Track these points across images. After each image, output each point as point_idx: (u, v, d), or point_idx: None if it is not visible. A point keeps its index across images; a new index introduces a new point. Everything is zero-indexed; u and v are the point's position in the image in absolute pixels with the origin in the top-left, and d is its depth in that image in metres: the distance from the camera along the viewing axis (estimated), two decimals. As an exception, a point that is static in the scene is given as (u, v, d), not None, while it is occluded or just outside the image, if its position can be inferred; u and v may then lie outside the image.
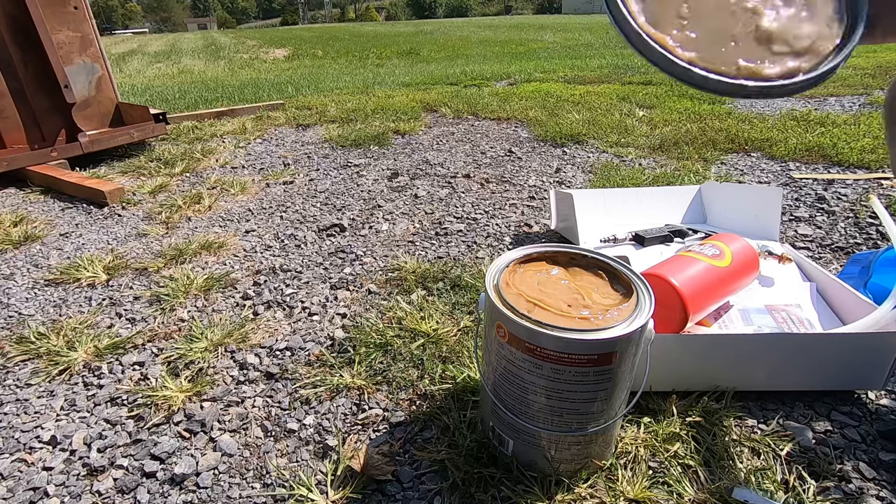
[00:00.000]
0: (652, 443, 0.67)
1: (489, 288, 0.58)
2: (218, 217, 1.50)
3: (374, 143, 2.19)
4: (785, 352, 0.71)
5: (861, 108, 2.47)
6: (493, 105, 2.83)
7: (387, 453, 0.68)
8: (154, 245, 1.33)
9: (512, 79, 3.92)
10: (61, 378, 0.85)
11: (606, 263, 0.62)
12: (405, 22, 35.66)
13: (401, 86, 3.78)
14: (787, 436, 0.68)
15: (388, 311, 0.99)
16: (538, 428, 0.58)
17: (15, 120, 1.88)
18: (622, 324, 0.52)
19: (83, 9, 2.06)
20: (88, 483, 0.66)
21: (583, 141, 2.13)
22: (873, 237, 1.22)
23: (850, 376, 0.73)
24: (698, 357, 0.72)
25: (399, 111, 2.75)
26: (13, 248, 1.34)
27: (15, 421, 0.76)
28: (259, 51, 10.76)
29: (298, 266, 1.20)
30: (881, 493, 0.60)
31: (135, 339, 0.94)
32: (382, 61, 7.36)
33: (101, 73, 2.16)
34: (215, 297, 1.08)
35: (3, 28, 1.78)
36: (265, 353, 0.89)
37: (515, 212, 1.46)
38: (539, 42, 9.37)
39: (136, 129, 2.13)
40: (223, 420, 0.75)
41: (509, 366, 0.57)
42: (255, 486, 0.65)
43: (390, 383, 0.81)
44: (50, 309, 1.06)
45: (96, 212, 1.58)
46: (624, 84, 3.44)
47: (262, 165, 1.98)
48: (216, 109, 2.88)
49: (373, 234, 1.36)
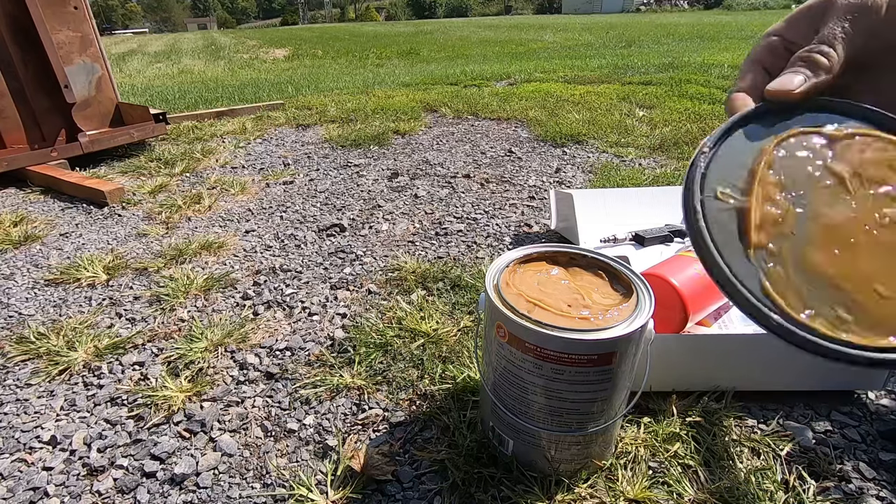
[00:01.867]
0: (652, 443, 0.67)
1: (489, 288, 0.58)
2: (218, 217, 1.50)
3: (374, 143, 2.19)
4: (785, 352, 0.71)
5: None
6: (493, 105, 2.83)
7: (387, 453, 0.68)
8: (154, 245, 1.33)
9: (512, 79, 3.92)
10: (61, 378, 0.85)
11: (606, 263, 0.62)
12: (405, 22, 35.66)
13: (401, 86, 3.78)
14: (787, 436, 0.68)
15: (388, 311, 0.99)
16: (538, 428, 0.58)
17: (15, 120, 1.88)
18: (622, 324, 0.52)
19: (83, 9, 2.06)
20: (88, 483, 0.66)
21: (583, 141, 2.13)
22: (873, 237, 1.22)
23: (850, 376, 0.73)
24: (698, 357, 0.72)
25: (399, 111, 2.75)
26: (13, 248, 1.34)
27: (15, 421, 0.76)
28: (259, 51, 10.76)
29: (298, 266, 1.20)
30: (881, 493, 0.60)
31: (135, 339, 0.94)
32: (382, 61, 7.36)
33: (101, 73, 2.16)
34: (215, 297, 1.08)
35: (3, 28, 1.78)
36: (265, 353, 0.89)
37: (515, 212, 1.47)
38: (539, 42, 9.37)
39: (136, 129, 2.13)
40: (223, 420, 0.75)
41: (509, 366, 0.57)
42: (255, 486, 0.65)
43: (390, 383, 0.81)
44: (50, 309, 1.06)
45: (96, 212, 1.58)
46: (624, 84, 3.44)
47: (262, 165, 1.98)
48: (216, 109, 2.88)
49: (373, 234, 1.36)
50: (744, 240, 0.40)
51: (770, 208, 0.40)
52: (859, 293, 0.37)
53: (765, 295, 0.38)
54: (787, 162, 0.41)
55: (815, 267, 0.38)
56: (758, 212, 0.40)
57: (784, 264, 0.39)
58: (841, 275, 0.37)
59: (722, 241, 0.39)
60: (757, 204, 0.40)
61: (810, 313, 0.37)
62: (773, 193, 0.40)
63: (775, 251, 0.39)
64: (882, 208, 0.38)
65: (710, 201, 0.41)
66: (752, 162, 0.41)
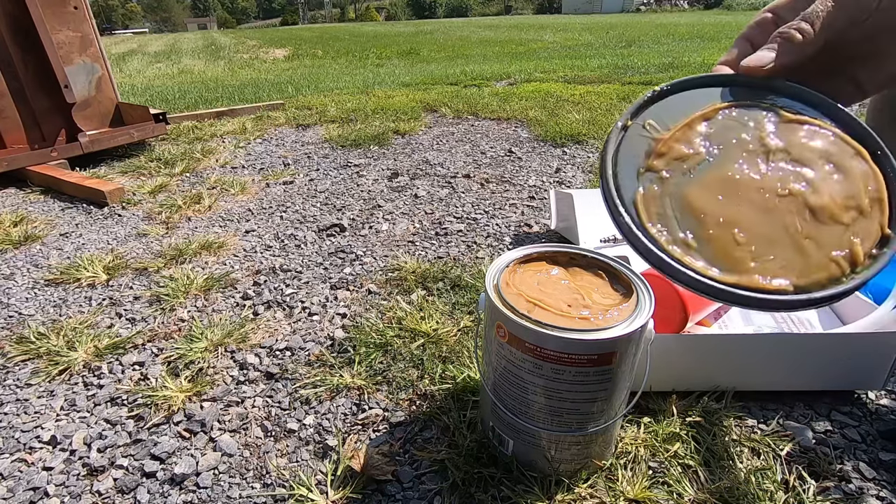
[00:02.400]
0: (652, 443, 0.67)
1: (489, 288, 0.58)
2: (218, 217, 1.50)
3: (374, 143, 2.19)
4: (785, 352, 0.71)
5: (861, 107, 2.47)
6: (493, 105, 2.83)
7: (387, 453, 0.68)
8: (154, 245, 1.33)
9: (512, 79, 3.92)
10: (61, 378, 0.85)
11: (606, 263, 0.62)
12: (405, 22, 35.66)
13: (401, 86, 3.78)
14: (787, 436, 0.68)
15: (388, 311, 0.99)
16: (538, 428, 0.58)
17: (15, 120, 1.88)
18: (622, 324, 0.52)
19: (83, 9, 2.06)
20: (88, 483, 0.66)
21: (583, 141, 2.13)
22: (873, 237, 1.22)
23: (850, 376, 0.73)
24: (698, 357, 0.72)
25: (399, 111, 2.75)
26: (13, 248, 1.34)
27: (15, 421, 0.76)
28: (259, 51, 10.76)
29: (298, 266, 1.20)
30: (881, 493, 0.60)
31: (135, 339, 0.94)
32: (382, 61, 7.36)
33: (101, 73, 2.16)
34: (215, 297, 1.08)
35: (3, 28, 1.78)
36: (265, 353, 0.89)
37: (515, 212, 1.47)
38: (539, 42, 9.37)
39: (136, 129, 2.13)
40: (223, 420, 0.75)
41: (509, 366, 0.57)
42: (255, 486, 0.65)
43: (390, 383, 0.81)
44: (50, 309, 1.06)
45: (96, 212, 1.58)
46: (624, 84, 3.44)
47: (262, 165, 1.98)
48: (216, 109, 2.88)
49: (373, 234, 1.36)
50: (643, 162, 0.44)
51: (681, 146, 0.44)
52: (717, 229, 0.40)
53: (632, 203, 0.42)
54: (727, 122, 0.44)
55: (692, 201, 0.42)
56: (668, 145, 0.44)
57: (664, 187, 0.43)
58: (710, 212, 0.41)
59: (624, 158, 0.44)
60: (671, 139, 0.44)
61: (661, 227, 0.41)
62: (692, 138, 0.44)
63: (665, 178, 0.43)
64: (790, 184, 0.41)
65: (636, 127, 0.45)
66: (694, 113, 0.45)
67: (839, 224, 0.39)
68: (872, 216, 0.39)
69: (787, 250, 0.39)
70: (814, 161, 0.41)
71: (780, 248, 0.39)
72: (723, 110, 0.45)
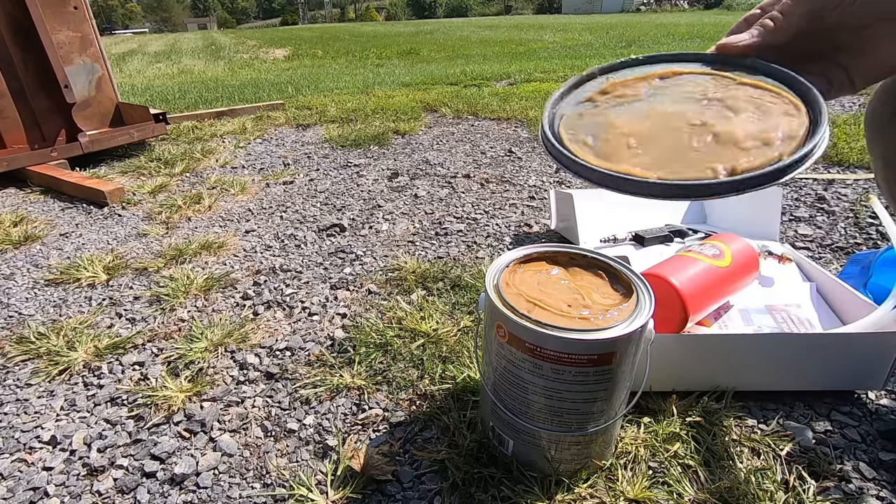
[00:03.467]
0: (652, 443, 0.67)
1: (489, 288, 0.58)
2: (218, 217, 1.50)
3: (374, 143, 2.19)
4: (785, 352, 0.71)
5: (861, 108, 2.47)
6: (493, 105, 2.83)
7: (387, 453, 0.68)
8: (154, 245, 1.33)
9: (512, 79, 3.92)
10: (61, 378, 0.85)
11: (606, 263, 0.62)
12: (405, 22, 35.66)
13: (401, 86, 3.78)
14: (787, 436, 0.68)
15: (388, 311, 0.99)
16: (538, 428, 0.58)
17: (15, 120, 1.88)
18: (622, 324, 0.52)
19: (83, 9, 2.06)
20: (88, 483, 0.66)
21: (583, 141, 2.13)
22: (873, 237, 1.22)
23: (850, 376, 0.73)
24: (698, 357, 0.72)
25: (399, 111, 2.75)
26: (13, 248, 1.34)
27: (15, 421, 0.76)
28: (259, 51, 10.76)
29: (298, 266, 1.20)
30: (881, 493, 0.60)
31: (135, 339, 0.94)
32: (382, 61, 7.36)
33: (101, 73, 2.16)
34: (215, 297, 1.08)
35: (3, 28, 1.78)
36: (265, 353, 0.89)
37: (515, 212, 1.47)
38: (539, 42, 9.37)
39: (136, 129, 2.13)
40: (223, 420, 0.75)
41: (509, 366, 0.57)
42: (255, 486, 0.65)
43: (390, 383, 0.81)
44: (50, 309, 1.06)
45: (96, 212, 1.58)
46: (624, 84, 3.44)
47: (262, 165, 1.98)
48: (216, 109, 2.88)
49: (373, 234, 1.36)
50: (588, 95, 0.51)
51: (626, 90, 0.50)
52: (616, 137, 0.45)
53: (560, 116, 0.50)
54: (680, 79, 0.49)
55: (612, 120, 0.47)
56: (615, 86, 0.50)
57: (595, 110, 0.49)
58: (620, 125, 0.46)
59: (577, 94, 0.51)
60: (620, 84, 0.50)
61: (572, 132, 0.47)
62: (640, 87, 0.49)
63: (598, 105, 0.49)
64: (710, 121, 0.43)
65: (602, 79, 0.52)
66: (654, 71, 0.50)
67: (737, 148, 0.40)
68: (776, 148, 0.39)
69: (668, 153, 0.42)
70: (744, 108, 0.43)
71: (663, 151, 0.42)
72: (682, 75, 0.49)
